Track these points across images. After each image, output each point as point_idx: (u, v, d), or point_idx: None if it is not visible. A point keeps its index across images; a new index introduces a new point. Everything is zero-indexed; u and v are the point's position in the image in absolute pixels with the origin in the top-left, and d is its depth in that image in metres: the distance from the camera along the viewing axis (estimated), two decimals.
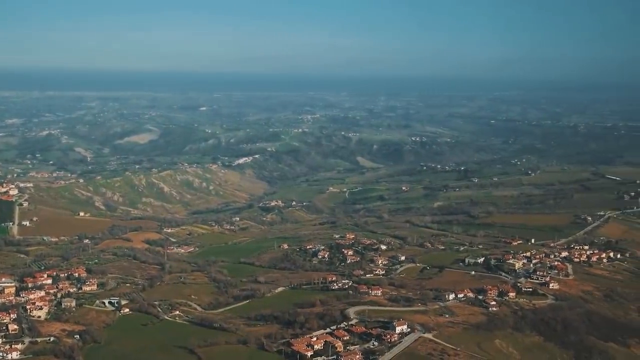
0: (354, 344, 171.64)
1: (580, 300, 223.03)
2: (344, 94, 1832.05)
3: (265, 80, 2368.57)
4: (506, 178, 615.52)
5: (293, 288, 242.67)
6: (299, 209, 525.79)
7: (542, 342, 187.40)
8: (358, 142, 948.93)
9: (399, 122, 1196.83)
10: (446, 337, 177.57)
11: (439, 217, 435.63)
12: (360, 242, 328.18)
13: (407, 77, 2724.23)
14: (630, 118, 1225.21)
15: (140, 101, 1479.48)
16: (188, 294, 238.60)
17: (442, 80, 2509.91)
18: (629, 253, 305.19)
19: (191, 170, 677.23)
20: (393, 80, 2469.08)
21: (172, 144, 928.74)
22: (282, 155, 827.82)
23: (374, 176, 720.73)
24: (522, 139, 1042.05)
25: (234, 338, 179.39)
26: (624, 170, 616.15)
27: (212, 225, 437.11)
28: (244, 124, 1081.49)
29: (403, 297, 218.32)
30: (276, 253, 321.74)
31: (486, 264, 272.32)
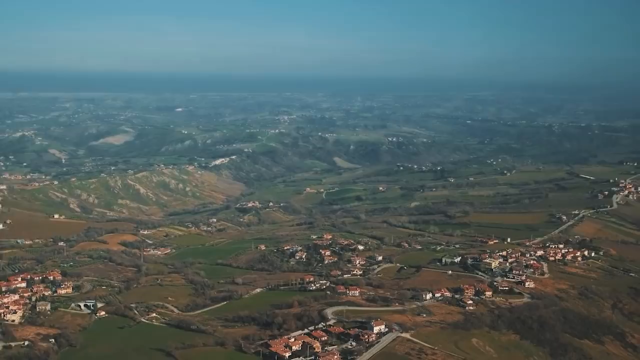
0: (332, 345, 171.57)
1: (556, 298, 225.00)
2: (321, 94, 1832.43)
3: (241, 81, 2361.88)
4: (482, 178, 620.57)
5: (271, 289, 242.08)
6: (276, 209, 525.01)
7: (518, 340, 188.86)
8: (335, 143, 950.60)
9: (376, 122, 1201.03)
10: (424, 337, 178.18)
11: (416, 217, 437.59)
12: (337, 242, 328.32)
13: (384, 78, 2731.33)
14: (603, 118, 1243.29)
15: (115, 102, 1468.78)
16: (165, 296, 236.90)
17: (419, 81, 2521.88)
18: (603, 251, 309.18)
19: (167, 171, 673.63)
20: (370, 81, 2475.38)
21: (148, 145, 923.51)
22: (259, 156, 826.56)
23: (351, 176, 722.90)
24: (497, 139, 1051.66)
25: (212, 340, 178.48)
26: (598, 169, 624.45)
27: (189, 226, 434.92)
28: (220, 125, 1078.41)
29: (381, 297, 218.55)
30: (253, 254, 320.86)
31: (463, 263, 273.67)
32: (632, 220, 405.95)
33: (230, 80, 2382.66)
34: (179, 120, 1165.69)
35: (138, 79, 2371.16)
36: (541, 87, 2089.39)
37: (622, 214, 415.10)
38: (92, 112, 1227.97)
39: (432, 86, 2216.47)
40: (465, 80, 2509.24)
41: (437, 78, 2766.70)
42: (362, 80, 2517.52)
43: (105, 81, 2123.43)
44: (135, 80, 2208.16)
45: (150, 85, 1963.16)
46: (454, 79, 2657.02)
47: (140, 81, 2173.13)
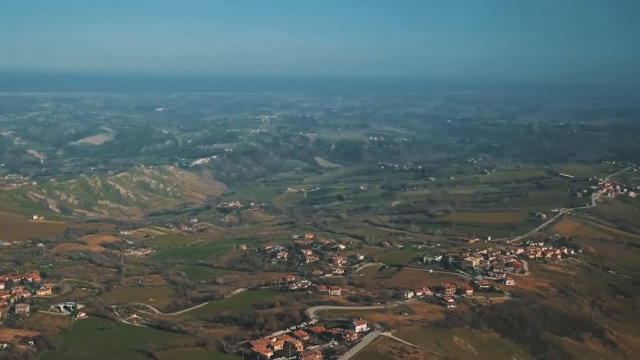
0: (314, 344, 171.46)
1: (536, 296, 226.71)
2: (302, 94, 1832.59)
3: (222, 81, 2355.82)
4: (463, 177, 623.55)
5: (252, 289, 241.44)
6: (258, 209, 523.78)
7: (499, 338, 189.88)
8: (316, 142, 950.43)
9: (357, 122, 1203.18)
10: (405, 335, 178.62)
11: (397, 216, 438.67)
12: (319, 242, 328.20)
13: (365, 78, 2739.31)
14: (582, 117, 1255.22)
15: (94, 102, 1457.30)
16: (146, 297, 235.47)
17: (400, 81, 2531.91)
18: (582, 249, 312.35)
19: (148, 171, 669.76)
20: (351, 81, 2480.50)
21: (128, 145, 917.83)
22: (240, 156, 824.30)
23: (332, 176, 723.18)
24: (478, 138, 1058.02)
25: (193, 340, 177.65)
26: (577, 168, 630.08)
27: (170, 227, 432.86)
28: (201, 125, 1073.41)
29: (362, 296, 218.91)
30: (235, 254, 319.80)
31: (444, 262, 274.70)
32: (611, 219, 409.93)
33: (210, 80, 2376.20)
34: (160, 120, 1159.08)
35: (118, 78, 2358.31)
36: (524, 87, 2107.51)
37: (600, 212, 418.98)
38: (71, 112, 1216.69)
39: (413, 85, 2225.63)
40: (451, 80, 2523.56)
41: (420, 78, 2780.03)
42: (343, 80, 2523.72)
43: (84, 81, 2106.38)
44: (115, 80, 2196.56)
45: (130, 85, 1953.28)
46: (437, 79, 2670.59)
47: (120, 81, 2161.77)
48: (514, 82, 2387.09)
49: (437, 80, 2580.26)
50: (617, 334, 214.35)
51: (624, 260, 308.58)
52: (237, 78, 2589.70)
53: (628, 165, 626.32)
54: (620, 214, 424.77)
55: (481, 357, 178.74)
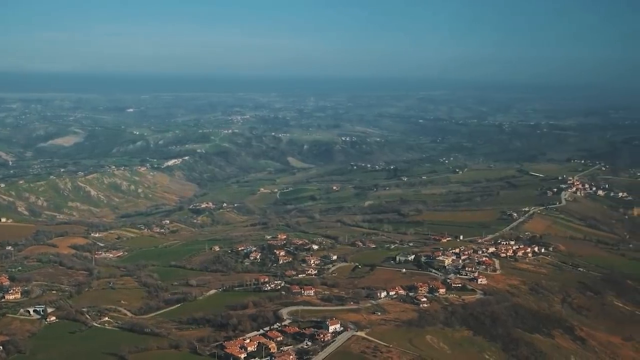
0: (287, 345, 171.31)
1: (507, 294, 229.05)
2: (274, 94, 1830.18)
3: (193, 81, 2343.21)
4: (435, 176, 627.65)
5: (225, 290, 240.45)
6: (230, 210, 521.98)
7: (471, 336, 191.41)
8: (288, 143, 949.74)
9: (329, 122, 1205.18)
10: (378, 335, 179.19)
11: (370, 216, 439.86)
12: (292, 242, 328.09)
13: (338, 78, 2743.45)
14: (551, 117, 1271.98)
15: (64, 103, 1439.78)
16: (117, 300, 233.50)
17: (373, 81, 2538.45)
18: (553, 247, 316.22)
19: (119, 172, 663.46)
20: (323, 81, 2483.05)
21: (98, 146, 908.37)
22: (212, 157, 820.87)
23: (304, 176, 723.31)
24: (449, 137, 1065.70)
25: (166, 343, 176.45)
26: (547, 167, 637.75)
27: (142, 228, 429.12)
28: (172, 126, 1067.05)
29: (336, 296, 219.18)
30: (208, 255, 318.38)
31: (417, 261, 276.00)
32: (580, 217, 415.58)
33: (182, 81, 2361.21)
34: (130, 121, 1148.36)
35: (87, 79, 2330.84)
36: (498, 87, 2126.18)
37: (570, 211, 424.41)
38: (40, 113, 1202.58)
39: (385, 86, 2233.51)
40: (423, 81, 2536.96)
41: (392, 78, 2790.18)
42: (316, 80, 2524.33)
43: (53, 82, 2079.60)
44: (84, 81, 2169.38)
45: (100, 86, 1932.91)
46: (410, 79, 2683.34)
47: (90, 82, 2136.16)
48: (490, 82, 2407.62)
49: (410, 80, 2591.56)
50: (586, 330, 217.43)
51: (593, 258, 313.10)
52: (209, 78, 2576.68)
53: (596, 164, 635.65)
54: (589, 213, 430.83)
55: (454, 355, 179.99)
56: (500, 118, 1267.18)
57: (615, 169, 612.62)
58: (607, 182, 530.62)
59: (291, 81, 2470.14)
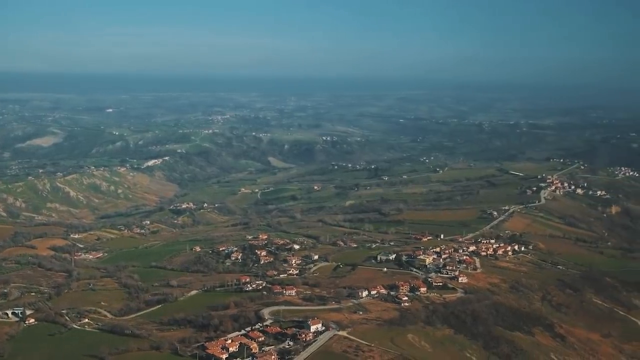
0: (269, 345, 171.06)
1: (488, 292, 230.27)
2: (254, 94, 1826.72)
3: (173, 81, 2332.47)
4: (415, 176, 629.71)
5: (206, 291, 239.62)
6: (211, 210, 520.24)
7: (452, 334, 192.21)
8: (269, 143, 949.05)
9: (310, 122, 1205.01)
10: (360, 334, 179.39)
11: (351, 215, 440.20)
12: (273, 242, 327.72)
13: (318, 78, 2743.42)
14: (530, 116, 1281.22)
15: (42, 103, 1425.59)
16: (97, 301, 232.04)
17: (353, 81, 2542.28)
18: (532, 245, 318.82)
19: (98, 173, 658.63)
20: (304, 81, 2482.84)
21: (77, 146, 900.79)
22: (193, 157, 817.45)
23: (285, 176, 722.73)
24: (430, 137, 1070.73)
25: (147, 344, 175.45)
26: (526, 166, 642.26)
27: (122, 229, 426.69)
28: (152, 126, 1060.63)
29: (317, 296, 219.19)
30: (188, 256, 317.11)
31: (398, 260, 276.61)
32: (559, 215, 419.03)
33: (162, 81, 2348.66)
34: (110, 121, 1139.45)
35: (66, 79, 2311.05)
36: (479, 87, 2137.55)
37: (549, 209, 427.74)
38: (17, 114, 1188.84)
39: (366, 86, 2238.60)
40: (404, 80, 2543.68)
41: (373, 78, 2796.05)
42: (296, 80, 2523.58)
43: (31, 82, 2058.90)
44: (63, 81, 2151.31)
45: (79, 86, 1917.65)
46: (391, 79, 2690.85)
47: (69, 82, 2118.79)
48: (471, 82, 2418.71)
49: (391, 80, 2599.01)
50: (566, 327, 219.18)
51: (572, 255, 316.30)
52: (189, 78, 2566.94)
53: (575, 163, 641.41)
54: (568, 211, 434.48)
55: (435, 353, 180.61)
56: (480, 117, 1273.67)
57: (593, 168, 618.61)
58: (586, 181, 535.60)
59: (272, 81, 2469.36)
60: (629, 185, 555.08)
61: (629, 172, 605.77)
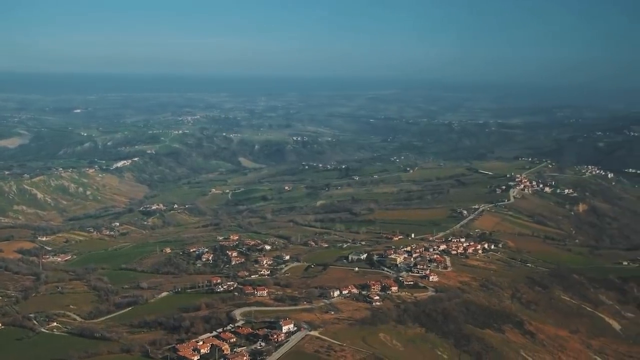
0: (241, 346, 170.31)
1: (459, 290, 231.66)
2: (224, 94, 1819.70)
3: (141, 81, 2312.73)
4: (386, 175, 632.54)
5: (177, 292, 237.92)
6: (181, 211, 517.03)
7: (424, 333, 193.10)
8: (240, 143, 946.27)
9: (280, 122, 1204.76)
10: (332, 334, 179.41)
11: (322, 215, 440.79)
12: (244, 243, 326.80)
13: (287, 78, 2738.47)
14: (499, 115, 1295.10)
15: (7, 104, 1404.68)
16: (66, 304, 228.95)
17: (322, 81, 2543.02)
18: (502, 244, 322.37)
19: (66, 175, 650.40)
20: (273, 81, 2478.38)
21: (45, 148, 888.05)
22: (162, 158, 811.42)
23: (256, 176, 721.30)
24: (400, 136, 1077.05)
25: (117, 347, 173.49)
26: (495, 165, 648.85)
27: (91, 231, 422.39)
28: (121, 126, 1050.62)
29: (289, 296, 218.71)
30: (159, 257, 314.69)
31: (369, 259, 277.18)
32: (528, 213, 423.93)
33: (130, 81, 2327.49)
34: (78, 122, 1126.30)
35: (32, 79, 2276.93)
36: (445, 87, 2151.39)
37: (518, 208, 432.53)
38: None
39: (336, 85, 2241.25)
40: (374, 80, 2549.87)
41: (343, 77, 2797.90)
42: (266, 80, 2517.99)
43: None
44: (29, 81, 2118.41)
45: (46, 86, 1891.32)
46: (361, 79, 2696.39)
47: (35, 82, 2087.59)
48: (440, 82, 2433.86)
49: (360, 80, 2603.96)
50: (535, 324, 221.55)
51: (541, 253, 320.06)
52: (158, 78, 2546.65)
53: (543, 162, 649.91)
54: (537, 209, 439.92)
55: (407, 352, 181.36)
56: (450, 117, 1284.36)
57: (561, 167, 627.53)
58: (554, 179, 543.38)
59: (242, 81, 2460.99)
60: (596, 184, 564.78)
61: (595, 170, 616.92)
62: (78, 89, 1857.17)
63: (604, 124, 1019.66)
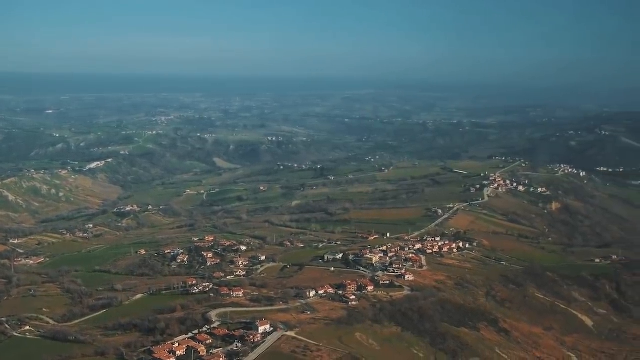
0: (217, 347, 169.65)
1: (434, 289, 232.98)
2: (199, 94, 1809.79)
3: (114, 82, 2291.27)
4: (361, 175, 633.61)
5: (152, 294, 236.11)
6: (156, 212, 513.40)
7: (400, 332, 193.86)
8: (214, 143, 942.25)
9: (255, 122, 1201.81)
10: (308, 334, 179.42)
11: (298, 215, 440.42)
12: (219, 243, 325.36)
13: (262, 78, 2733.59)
14: (473, 115, 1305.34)
15: None
16: (39, 308, 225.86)
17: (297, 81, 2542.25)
18: (477, 242, 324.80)
19: (38, 176, 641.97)
20: (248, 81, 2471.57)
21: (16, 149, 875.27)
22: (136, 159, 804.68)
23: (231, 177, 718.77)
24: (375, 136, 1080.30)
25: (91, 350, 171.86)
26: (469, 164, 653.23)
27: (64, 233, 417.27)
28: (94, 127, 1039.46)
29: (265, 296, 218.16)
30: (133, 259, 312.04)
31: (345, 259, 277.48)
32: (502, 212, 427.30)
33: (103, 81, 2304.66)
34: (50, 123, 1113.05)
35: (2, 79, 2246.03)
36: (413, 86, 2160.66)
37: (492, 206, 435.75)
38: None
39: (310, 85, 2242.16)
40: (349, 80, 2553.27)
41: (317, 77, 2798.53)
42: (241, 80, 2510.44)
43: None
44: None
45: (17, 86, 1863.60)
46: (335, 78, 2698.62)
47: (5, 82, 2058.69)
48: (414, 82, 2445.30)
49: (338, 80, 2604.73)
50: (510, 322, 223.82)
51: (515, 251, 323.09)
52: (131, 79, 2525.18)
53: (517, 161, 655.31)
54: (511, 208, 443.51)
55: (383, 351, 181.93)
56: (424, 117, 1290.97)
57: (534, 166, 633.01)
58: (527, 178, 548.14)
59: (216, 81, 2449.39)
60: (568, 182, 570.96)
61: (568, 169, 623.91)
62: (50, 89, 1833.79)
63: (576, 123, 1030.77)
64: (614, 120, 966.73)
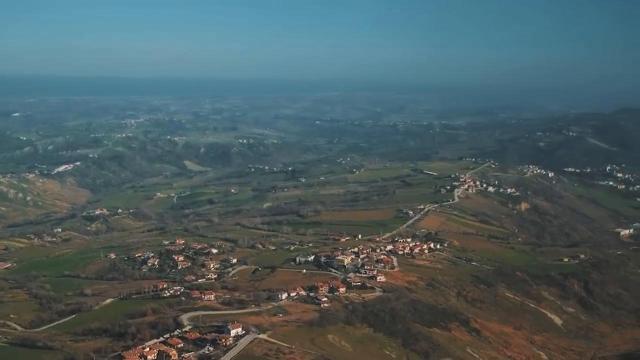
0: (188, 351, 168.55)
1: (406, 290, 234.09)
2: (168, 97, 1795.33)
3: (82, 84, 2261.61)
4: (332, 177, 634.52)
5: (122, 299, 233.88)
6: (126, 216, 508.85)
7: (372, 333, 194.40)
8: (185, 146, 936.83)
9: (226, 124, 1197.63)
10: (281, 336, 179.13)
11: (269, 217, 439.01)
12: (190, 247, 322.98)
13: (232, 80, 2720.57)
14: (443, 117, 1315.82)
15: None
16: (6, 314, 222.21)
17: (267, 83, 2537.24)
18: (447, 243, 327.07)
19: (5, 180, 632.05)
20: (217, 83, 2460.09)
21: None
22: (106, 162, 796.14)
23: (202, 180, 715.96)
24: (346, 138, 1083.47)
25: (61, 356, 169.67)
26: (440, 165, 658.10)
27: (32, 238, 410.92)
28: (62, 130, 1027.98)
29: (237, 299, 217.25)
30: (103, 263, 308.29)
31: (316, 261, 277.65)
32: (472, 213, 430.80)
33: (71, 83, 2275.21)
34: (16, 126, 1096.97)
35: None
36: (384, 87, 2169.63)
37: (463, 207, 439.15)
38: None
39: (281, 87, 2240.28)
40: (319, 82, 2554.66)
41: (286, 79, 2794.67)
42: (210, 82, 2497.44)
43: None
44: None
45: None
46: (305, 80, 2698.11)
47: None
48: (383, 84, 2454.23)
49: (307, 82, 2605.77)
50: (480, 321, 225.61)
51: (485, 251, 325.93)
52: (99, 81, 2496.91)
53: (486, 162, 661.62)
54: (481, 208, 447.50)
55: (356, 353, 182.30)
56: (395, 118, 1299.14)
57: (503, 166, 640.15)
58: (497, 179, 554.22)
59: (185, 83, 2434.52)
60: (537, 183, 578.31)
61: (536, 169, 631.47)
62: (15, 91, 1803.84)
63: (544, 124, 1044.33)
64: (581, 121, 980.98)
